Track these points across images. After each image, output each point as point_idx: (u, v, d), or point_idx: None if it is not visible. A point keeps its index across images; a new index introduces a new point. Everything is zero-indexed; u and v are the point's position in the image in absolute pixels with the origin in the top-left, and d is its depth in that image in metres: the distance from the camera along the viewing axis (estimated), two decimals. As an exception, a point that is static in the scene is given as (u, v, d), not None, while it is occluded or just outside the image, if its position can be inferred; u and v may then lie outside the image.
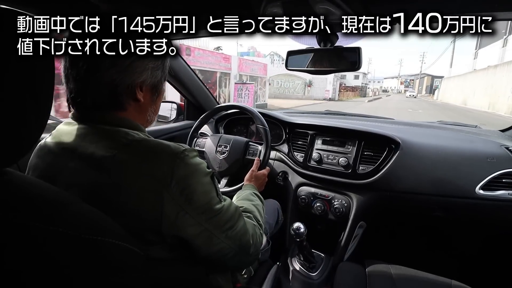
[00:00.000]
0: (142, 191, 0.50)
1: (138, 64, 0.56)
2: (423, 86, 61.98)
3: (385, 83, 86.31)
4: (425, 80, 62.62)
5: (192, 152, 0.56)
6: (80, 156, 0.53)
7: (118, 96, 0.56)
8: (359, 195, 1.28)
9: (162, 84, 0.65)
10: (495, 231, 1.37)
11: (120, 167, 0.51)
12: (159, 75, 0.62)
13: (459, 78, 27.76)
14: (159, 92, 0.65)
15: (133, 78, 0.56)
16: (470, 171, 1.16)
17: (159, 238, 0.52)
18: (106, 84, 0.54)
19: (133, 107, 0.59)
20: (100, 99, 0.55)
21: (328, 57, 0.97)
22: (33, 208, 0.40)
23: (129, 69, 0.55)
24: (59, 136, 0.59)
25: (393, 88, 79.85)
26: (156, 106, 0.67)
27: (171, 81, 1.51)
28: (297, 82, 26.30)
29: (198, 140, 1.46)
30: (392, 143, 1.23)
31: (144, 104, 0.61)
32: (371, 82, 69.98)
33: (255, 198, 0.88)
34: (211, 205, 0.56)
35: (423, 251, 1.57)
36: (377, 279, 0.97)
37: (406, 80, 74.28)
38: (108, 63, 0.53)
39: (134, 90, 0.57)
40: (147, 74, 0.58)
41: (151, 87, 0.61)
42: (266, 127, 1.28)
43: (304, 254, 1.19)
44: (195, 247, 0.56)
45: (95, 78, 0.54)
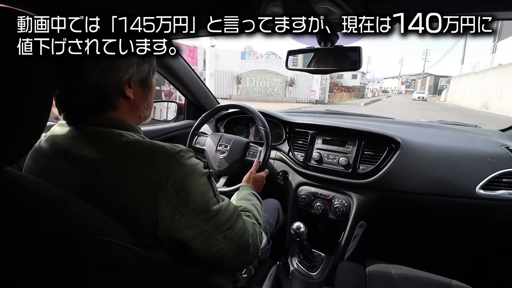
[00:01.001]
0: (137, 194, 0.49)
1: (122, 61, 0.54)
2: (426, 86, 58.41)
3: (385, 83, 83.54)
4: (428, 80, 59.27)
5: (188, 153, 0.55)
6: (74, 159, 0.52)
7: (106, 97, 0.55)
8: (359, 194, 1.28)
9: (151, 78, 0.63)
10: (495, 231, 1.37)
11: (114, 170, 0.50)
12: (146, 68, 0.59)
13: (475, 76, 23.23)
14: (149, 86, 0.63)
15: (119, 76, 0.54)
16: (471, 170, 1.16)
17: (155, 241, 0.52)
18: (92, 86, 0.53)
19: (125, 105, 0.58)
20: (88, 102, 0.54)
21: (329, 57, 0.97)
22: (33, 207, 0.40)
23: (113, 67, 0.53)
24: (52, 138, 0.57)
25: (393, 88, 77.54)
26: (149, 102, 0.65)
27: (171, 80, 1.51)
28: (276, 81, 20.91)
29: (199, 138, 1.46)
30: (392, 143, 1.23)
31: (135, 100, 0.60)
32: (370, 82, 67.80)
33: (254, 198, 0.88)
34: (209, 206, 0.55)
35: (423, 251, 1.57)
36: (377, 278, 0.97)
37: (407, 80, 71.88)
38: (90, 63, 0.51)
39: (122, 88, 0.56)
40: (133, 70, 0.56)
41: (140, 82, 0.60)
42: (267, 128, 1.28)
43: (304, 253, 1.19)
44: (193, 249, 0.55)
45: (79, 81, 0.52)
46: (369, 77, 50.06)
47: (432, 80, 57.61)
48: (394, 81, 78.63)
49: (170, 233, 0.51)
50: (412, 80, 70.11)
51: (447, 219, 1.31)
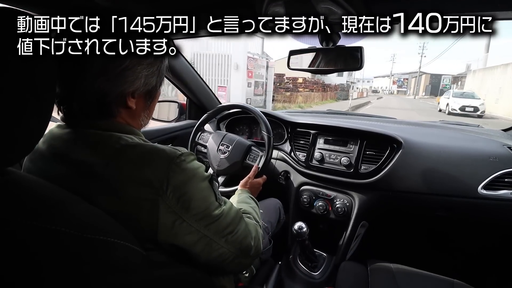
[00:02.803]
0: (136, 199, 0.48)
1: (129, 73, 0.52)
2: (421, 86, 50.91)
3: (376, 82, 75.52)
4: (423, 79, 51.19)
5: (189, 156, 0.54)
6: (72, 162, 0.51)
7: (107, 105, 0.53)
8: (361, 194, 1.28)
9: (157, 90, 0.61)
10: (497, 231, 1.36)
11: (113, 175, 0.49)
12: (153, 81, 0.58)
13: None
14: (153, 97, 0.62)
15: (124, 87, 0.53)
16: (473, 170, 1.15)
17: (155, 246, 0.51)
18: (94, 92, 0.51)
19: (125, 114, 0.57)
20: (87, 108, 0.53)
21: (330, 57, 0.97)
22: (35, 207, 0.40)
23: (119, 78, 0.52)
24: (50, 140, 0.56)
25: (384, 88, 70.31)
26: (150, 110, 0.64)
27: (173, 80, 1.51)
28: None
29: (203, 134, 1.45)
30: (394, 143, 1.23)
31: (137, 110, 0.58)
32: (360, 81, 59.50)
33: (252, 202, 0.88)
34: (210, 211, 0.54)
35: (425, 251, 1.56)
36: (379, 278, 0.97)
37: (400, 79, 65.10)
38: (98, 70, 0.50)
39: (124, 99, 0.54)
40: (140, 83, 0.55)
41: (145, 93, 0.58)
42: (271, 134, 1.24)
43: (306, 253, 1.20)
44: (194, 254, 0.54)
45: (82, 86, 0.51)
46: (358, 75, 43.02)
47: (428, 79, 51.10)
48: (385, 80, 70.73)
49: (170, 239, 0.51)
50: (404, 79, 64.17)
51: (449, 219, 1.31)
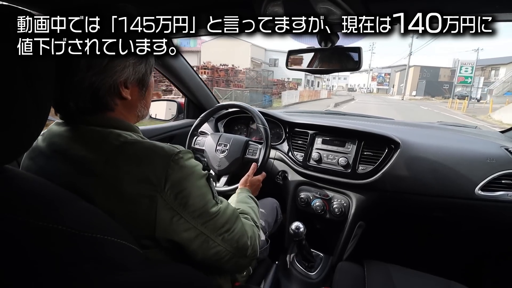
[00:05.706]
0: (135, 195, 0.49)
1: (117, 63, 0.53)
2: (408, 83, 37.29)
3: (352, 79, 66.57)
4: (412, 73, 38.10)
5: (187, 154, 0.55)
6: (72, 159, 0.51)
7: (101, 99, 0.54)
8: (358, 194, 1.28)
9: (148, 77, 0.62)
10: (494, 232, 1.37)
11: (112, 172, 0.49)
12: (143, 69, 0.58)
13: None
14: (147, 86, 0.62)
15: (114, 78, 0.53)
16: (470, 171, 1.16)
17: (153, 243, 0.51)
18: (86, 88, 0.52)
19: (121, 106, 0.57)
20: (82, 104, 0.53)
21: (329, 57, 0.97)
22: (32, 205, 0.40)
23: (108, 68, 0.52)
24: (50, 137, 0.56)
25: (362, 86, 61.21)
26: (146, 101, 0.64)
27: (171, 79, 1.51)
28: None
29: (198, 138, 1.46)
30: (392, 143, 1.23)
31: (132, 100, 0.59)
32: (336, 78, 53.54)
33: (251, 201, 0.88)
34: (207, 209, 0.55)
35: (422, 251, 1.57)
36: (375, 279, 0.97)
37: (380, 75, 54.66)
38: (84, 65, 0.50)
39: (118, 89, 0.55)
40: (129, 71, 0.55)
41: (137, 82, 0.59)
42: (266, 126, 1.28)
43: (303, 253, 1.20)
44: (191, 251, 0.55)
45: (73, 83, 0.51)
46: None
47: (418, 73, 39.43)
48: (363, 76, 60.82)
49: (167, 235, 0.51)
50: (386, 74, 53.85)
51: (446, 220, 1.31)
